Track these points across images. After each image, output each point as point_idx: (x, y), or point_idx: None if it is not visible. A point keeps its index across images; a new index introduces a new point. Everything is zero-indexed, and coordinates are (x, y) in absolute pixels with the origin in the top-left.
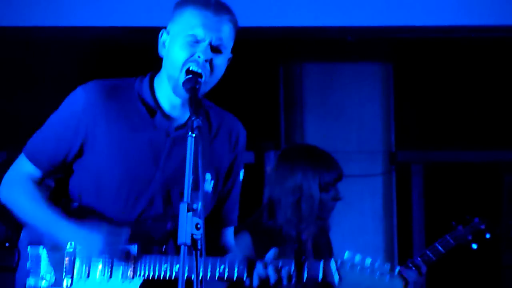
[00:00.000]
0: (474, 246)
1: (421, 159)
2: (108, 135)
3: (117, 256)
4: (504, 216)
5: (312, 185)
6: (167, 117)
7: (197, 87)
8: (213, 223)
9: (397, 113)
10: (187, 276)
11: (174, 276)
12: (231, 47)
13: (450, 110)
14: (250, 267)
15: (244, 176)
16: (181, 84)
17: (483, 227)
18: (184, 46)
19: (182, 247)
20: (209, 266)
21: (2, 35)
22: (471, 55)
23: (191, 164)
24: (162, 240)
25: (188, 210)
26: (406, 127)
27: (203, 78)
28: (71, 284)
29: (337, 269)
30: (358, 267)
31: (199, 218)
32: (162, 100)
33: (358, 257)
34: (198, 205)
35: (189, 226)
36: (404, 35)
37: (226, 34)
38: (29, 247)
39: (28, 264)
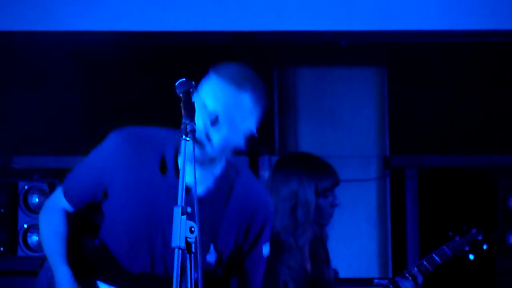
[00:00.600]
0: (471, 257)
1: (415, 163)
2: (126, 186)
3: None
4: (499, 221)
5: (308, 191)
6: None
7: (191, 90)
8: None
9: (391, 117)
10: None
11: None
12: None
13: (445, 115)
14: None
15: None
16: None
17: (480, 238)
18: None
19: (176, 250)
20: None
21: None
22: (466, 59)
23: (184, 169)
24: None
25: (182, 214)
26: (400, 132)
27: None
28: None
29: None
30: None
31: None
32: (181, 161)
33: None
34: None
35: (183, 229)
36: (398, 39)
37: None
38: (48, 271)
39: None
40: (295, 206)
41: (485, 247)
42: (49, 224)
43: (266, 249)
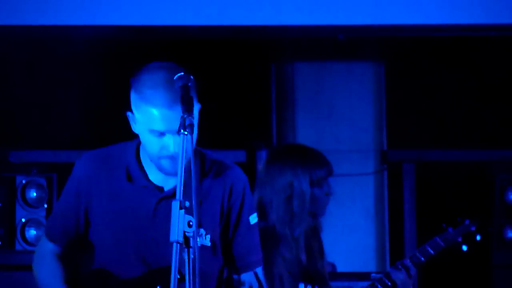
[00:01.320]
0: (464, 247)
1: (413, 158)
2: (101, 205)
3: None
4: (496, 215)
5: (303, 181)
6: (150, 181)
7: (189, 84)
8: (233, 271)
9: (388, 112)
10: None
11: None
12: (196, 101)
13: (442, 109)
14: None
15: None
16: (162, 168)
17: (473, 228)
18: (151, 138)
19: (174, 244)
20: None
21: None
22: (464, 53)
23: (183, 163)
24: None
25: (180, 208)
26: (397, 126)
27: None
28: None
29: None
30: None
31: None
32: (147, 166)
33: None
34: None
35: (181, 223)
36: (396, 33)
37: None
38: None
39: None
40: (290, 197)
41: (478, 238)
42: (42, 269)
43: (253, 219)
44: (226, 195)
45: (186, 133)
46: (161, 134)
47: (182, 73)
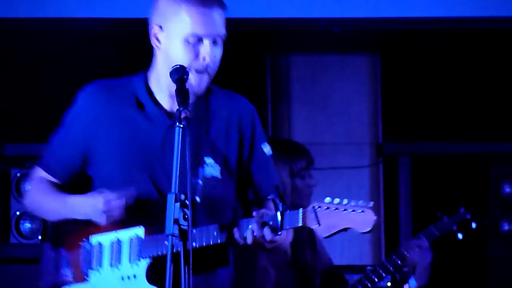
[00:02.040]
0: (460, 236)
1: (409, 151)
2: (109, 133)
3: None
4: (491, 208)
5: (282, 172)
6: (160, 107)
7: (185, 77)
8: (259, 199)
9: (384, 104)
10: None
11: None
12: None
13: (438, 102)
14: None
15: None
16: (190, 82)
17: (468, 216)
18: (186, 47)
19: (169, 237)
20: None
21: None
22: (459, 46)
23: (179, 154)
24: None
25: (176, 201)
26: (393, 119)
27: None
28: (88, 276)
29: (315, 214)
30: (333, 208)
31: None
32: (158, 93)
33: (336, 200)
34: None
35: (176, 216)
36: (392, 26)
37: (222, 24)
38: (51, 250)
39: (51, 266)
40: None
41: (473, 225)
42: (35, 193)
43: (266, 148)
44: (235, 125)
45: (181, 125)
46: (198, 40)
47: (178, 65)
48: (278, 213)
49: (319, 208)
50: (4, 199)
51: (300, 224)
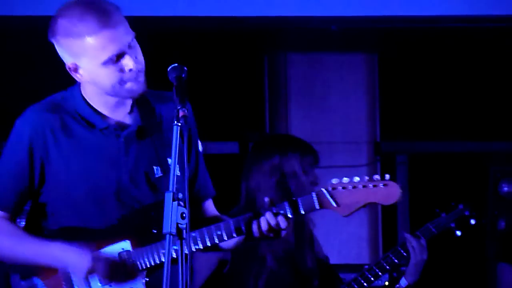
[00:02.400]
0: (458, 233)
1: (406, 149)
2: (62, 154)
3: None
4: (490, 207)
5: (294, 163)
6: (109, 120)
7: (183, 76)
8: (193, 202)
9: (382, 103)
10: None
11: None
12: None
13: (435, 101)
14: (247, 222)
15: (229, 167)
16: (128, 91)
17: (467, 213)
18: (109, 69)
19: (167, 236)
20: (207, 236)
21: None
22: (457, 45)
23: (177, 154)
24: (151, 228)
25: (174, 200)
26: (391, 118)
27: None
28: None
29: (331, 195)
30: (351, 187)
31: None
32: (97, 105)
33: (345, 179)
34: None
35: (174, 215)
36: (390, 25)
37: (127, 29)
38: (22, 282)
39: None
40: (280, 179)
41: (472, 222)
42: (2, 234)
43: (200, 147)
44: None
45: (179, 124)
46: (117, 57)
47: (176, 64)
48: (285, 203)
49: (333, 189)
50: None
51: (318, 207)
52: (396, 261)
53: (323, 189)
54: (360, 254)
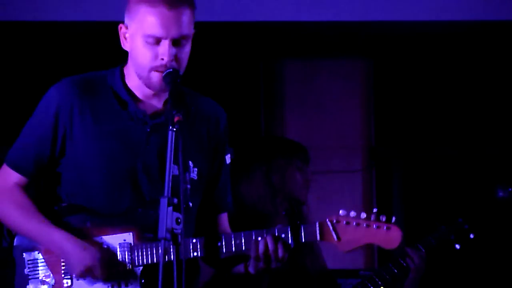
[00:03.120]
0: (457, 246)
1: (401, 154)
2: (86, 131)
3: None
4: (485, 213)
5: (280, 159)
6: (142, 106)
7: (178, 81)
8: (207, 211)
9: (377, 109)
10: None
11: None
12: (193, 26)
13: (431, 106)
14: (247, 240)
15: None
16: (152, 82)
17: (466, 227)
18: (145, 47)
19: (162, 241)
20: (206, 246)
21: None
22: (452, 50)
23: (172, 158)
24: (155, 227)
25: (169, 205)
26: (386, 123)
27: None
28: (72, 284)
29: (334, 229)
30: (354, 223)
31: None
32: (134, 90)
33: (353, 213)
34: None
35: (169, 220)
36: (385, 30)
37: (186, 23)
38: (24, 253)
39: (25, 271)
40: (268, 171)
41: (471, 236)
42: (10, 203)
43: (228, 159)
44: (211, 129)
45: (174, 129)
46: (157, 41)
47: (171, 70)
48: (289, 228)
49: (337, 222)
50: None
51: (318, 239)
52: (396, 271)
53: (327, 221)
54: (355, 260)
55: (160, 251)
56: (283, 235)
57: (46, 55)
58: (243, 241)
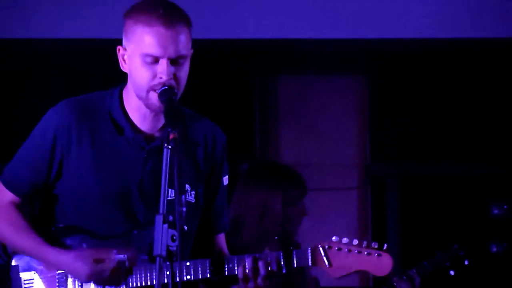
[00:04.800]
0: (452, 273)
1: (397, 172)
2: (82, 156)
3: (104, 283)
4: (480, 230)
5: (275, 200)
6: (138, 130)
7: (173, 98)
8: (204, 232)
9: (372, 126)
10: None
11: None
12: (190, 46)
13: (426, 124)
14: (239, 263)
15: None
16: (151, 102)
17: (462, 253)
18: (144, 66)
19: (157, 259)
20: (200, 269)
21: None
22: (447, 68)
23: (167, 176)
24: (150, 248)
25: (164, 222)
26: (381, 140)
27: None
28: None
29: (326, 254)
30: (346, 249)
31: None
32: (132, 113)
33: (345, 240)
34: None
35: (164, 237)
36: (380, 48)
37: (183, 42)
38: (20, 273)
39: None
40: (263, 215)
41: (466, 263)
42: (5, 223)
43: (226, 181)
44: (208, 151)
45: (170, 147)
46: (155, 60)
47: (166, 87)
48: (281, 253)
49: (329, 248)
50: None
51: (310, 264)
52: None
53: (319, 246)
54: (350, 277)
55: (156, 267)
56: (274, 260)
57: (46, 73)
58: (235, 264)
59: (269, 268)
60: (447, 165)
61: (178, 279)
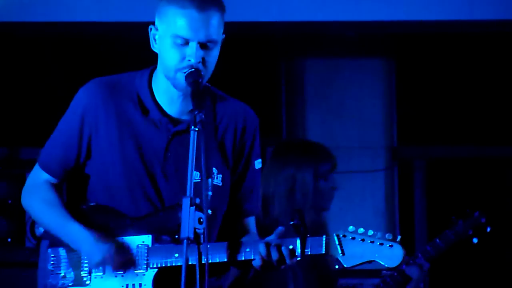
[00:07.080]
0: (475, 240)
1: (424, 154)
2: (109, 135)
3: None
4: (508, 212)
5: (306, 174)
6: (164, 113)
7: (200, 80)
8: (233, 214)
9: (399, 108)
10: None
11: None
12: (222, 31)
13: (453, 106)
14: (255, 248)
15: None
16: (178, 83)
17: (483, 221)
18: (173, 48)
19: (185, 241)
20: (217, 252)
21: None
22: (474, 50)
23: (194, 159)
24: (175, 230)
25: (191, 205)
26: (408, 123)
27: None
28: (90, 280)
29: (339, 243)
30: (359, 239)
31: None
32: (160, 96)
33: (361, 230)
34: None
35: (191, 220)
36: (407, 30)
37: (215, 27)
38: (49, 249)
39: (49, 266)
40: (292, 189)
41: (488, 229)
42: (37, 198)
43: (258, 164)
44: (238, 133)
45: (197, 129)
46: (185, 42)
47: (193, 70)
48: (298, 240)
49: (343, 237)
50: (19, 203)
51: (323, 252)
52: (400, 279)
53: (334, 235)
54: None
55: (184, 250)
56: (290, 247)
57: (78, 55)
58: (252, 250)
59: (283, 255)
60: (475, 148)
61: (205, 261)
